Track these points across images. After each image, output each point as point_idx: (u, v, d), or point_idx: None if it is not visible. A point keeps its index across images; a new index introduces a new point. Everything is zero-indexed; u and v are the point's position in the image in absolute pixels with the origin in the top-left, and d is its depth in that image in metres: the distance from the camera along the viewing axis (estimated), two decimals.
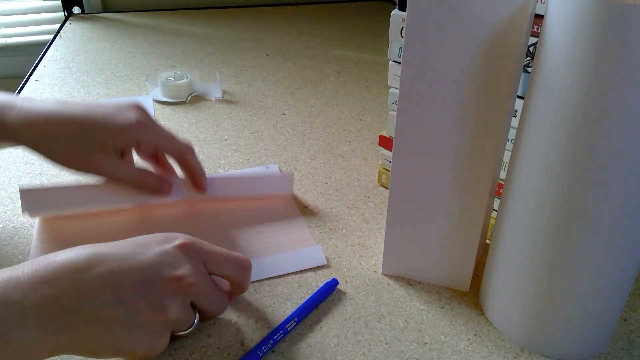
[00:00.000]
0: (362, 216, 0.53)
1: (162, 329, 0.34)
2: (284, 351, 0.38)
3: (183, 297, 0.34)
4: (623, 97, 0.29)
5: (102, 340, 0.32)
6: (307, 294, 0.43)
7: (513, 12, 0.32)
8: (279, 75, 0.90)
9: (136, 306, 0.32)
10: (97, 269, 0.32)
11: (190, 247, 0.36)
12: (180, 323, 0.35)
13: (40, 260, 0.32)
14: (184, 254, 0.35)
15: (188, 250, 0.36)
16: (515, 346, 0.39)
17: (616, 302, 0.36)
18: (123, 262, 0.33)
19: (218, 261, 0.37)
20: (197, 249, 0.36)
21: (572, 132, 0.31)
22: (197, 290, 0.35)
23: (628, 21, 0.27)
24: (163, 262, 0.34)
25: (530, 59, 0.41)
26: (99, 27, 1.14)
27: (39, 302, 0.30)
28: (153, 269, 0.34)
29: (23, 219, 0.51)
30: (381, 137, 0.57)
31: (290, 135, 0.69)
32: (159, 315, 0.33)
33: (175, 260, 0.35)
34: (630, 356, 0.38)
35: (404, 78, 0.37)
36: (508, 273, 0.38)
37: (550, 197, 0.33)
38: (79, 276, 0.32)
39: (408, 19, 0.35)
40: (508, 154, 0.45)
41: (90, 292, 0.32)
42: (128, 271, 0.33)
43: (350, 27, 1.19)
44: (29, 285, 0.30)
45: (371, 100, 0.81)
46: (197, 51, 1.00)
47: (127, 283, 0.33)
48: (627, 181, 0.31)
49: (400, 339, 0.39)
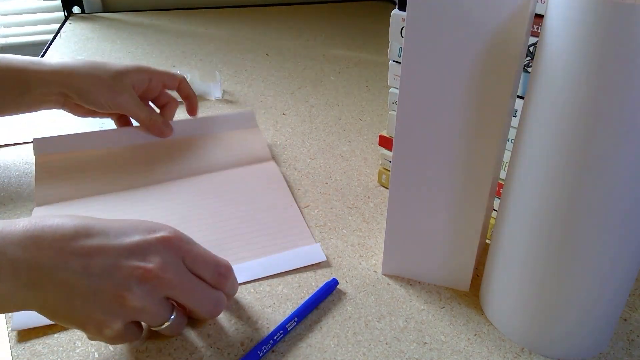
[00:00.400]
0: (362, 216, 0.53)
1: (118, 312, 0.34)
2: (284, 351, 0.38)
3: (150, 289, 0.34)
4: (623, 97, 0.29)
5: (60, 304, 0.33)
6: (307, 294, 0.43)
7: (513, 12, 0.32)
8: (279, 75, 0.90)
9: (100, 284, 0.34)
10: (78, 241, 0.34)
11: (170, 241, 0.36)
12: (144, 314, 0.35)
13: (34, 219, 0.34)
14: (163, 247, 0.36)
15: (167, 245, 0.36)
16: (515, 346, 0.39)
17: (616, 302, 0.36)
18: (103, 240, 0.35)
19: (195, 261, 0.37)
20: (177, 245, 0.37)
21: (572, 132, 0.31)
22: (170, 286, 0.35)
23: (628, 21, 0.27)
24: (138, 249, 0.35)
25: (530, 59, 0.41)
26: (99, 27, 1.14)
27: (19, 257, 0.33)
28: (126, 254, 0.35)
29: None
30: (381, 137, 0.57)
31: (290, 135, 0.69)
32: (118, 298, 0.34)
33: (150, 252, 0.35)
34: (630, 356, 0.38)
35: (404, 78, 0.37)
36: (508, 273, 0.38)
37: (551, 197, 0.33)
38: (61, 244, 0.34)
39: (408, 19, 0.35)
40: (508, 154, 0.45)
41: (65, 258, 0.33)
42: (104, 249, 0.34)
43: (350, 27, 1.19)
44: (18, 240, 0.33)
45: (371, 100, 0.81)
46: (197, 51, 1.00)
47: (99, 259, 0.34)
48: (628, 181, 0.31)
49: (400, 339, 0.39)
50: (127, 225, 0.37)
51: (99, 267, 0.34)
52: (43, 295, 0.33)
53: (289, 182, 0.58)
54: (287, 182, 0.57)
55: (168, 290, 0.35)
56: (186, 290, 0.36)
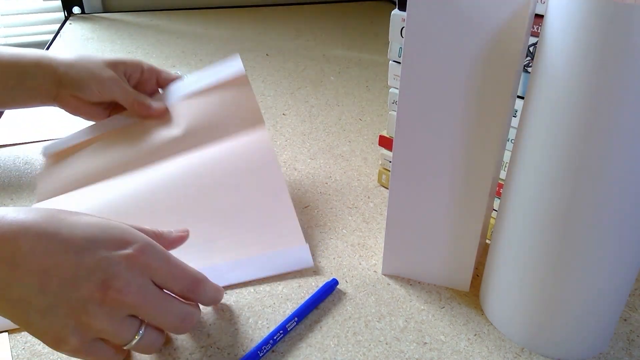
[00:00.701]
0: (362, 216, 0.53)
1: (75, 330, 0.33)
2: (284, 351, 0.38)
3: (109, 311, 0.33)
4: (623, 97, 0.29)
5: (17, 317, 0.33)
6: (307, 294, 0.43)
7: (513, 12, 0.32)
8: (279, 75, 0.90)
9: (57, 301, 0.33)
10: (36, 256, 0.33)
11: (136, 260, 0.34)
12: (105, 334, 0.34)
13: (4, 215, 0.33)
14: (127, 267, 0.34)
15: (133, 264, 0.34)
16: (515, 346, 0.39)
17: (616, 302, 0.36)
18: (61, 257, 0.33)
19: (165, 278, 0.36)
20: (144, 264, 0.35)
21: (572, 132, 0.31)
22: (131, 306, 0.34)
23: (628, 21, 0.27)
24: (99, 269, 0.33)
25: (530, 59, 0.41)
26: (99, 27, 1.14)
27: None
28: (85, 274, 0.33)
29: None
30: (381, 137, 0.57)
31: (290, 135, 0.69)
32: (76, 317, 0.33)
33: (112, 272, 0.33)
34: (630, 356, 0.38)
35: (404, 78, 0.37)
36: (508, 273, 0.38)
37: (550, 197, 0.33)
38: (18, 259, 0.33)
39: (408, 18, 0.35)
40: (508, 154, 0.45)
41: (21, 275, 0.32)
42: (63, 267, 0.33)
43: (350, 27, 1.19)
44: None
45: (371, 100, 0.81)
46: (197, 51, 1.00)
47: (56, 278, 0.33)
48: (627, 181, 0.31)
49: (400, 339, 0.39)
50: (95, 235, 0.34)
51: (55, 285, 0.32)
52: (1, 306, 0.33)
53: (289, 182, 0.59)
54: (277, 163, 0.52)
55: (129, 310, 0.34)
56: (150, 308, 0.35)
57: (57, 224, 0.34)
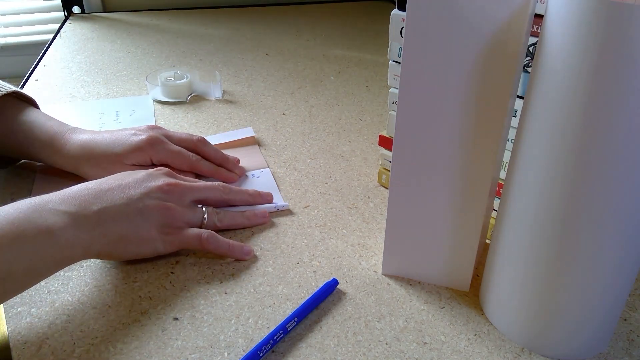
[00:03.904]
0: (362, 216, 0.53)
1: (163, 225, 0.45)
2: (284, 351, 0.38)
3: (178, 197, 0.47)
4: (623, 97, 0.29)
5: (124, 229, 0.42)
6: (307, 294, 0.43)
7: (513, 12, 0.32)
8: (279, 75, 0.90)
9: (144, 204, 0.44)
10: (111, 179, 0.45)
11: (165, 177, 0.48)
12: (184, 217, 0.46)
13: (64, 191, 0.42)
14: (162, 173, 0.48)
15: (166, 175, 0.48)
16: (515, 346, 0.39)
17: (616, 302, 0.36)
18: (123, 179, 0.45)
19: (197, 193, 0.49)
20: (169, 174, 0.49)
21: (572, 132, 0.31)
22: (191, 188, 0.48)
23: (628, 21, 0.27)
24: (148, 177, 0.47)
25: (530, 59, 0.41)
26: (99, 26, 1.14)
27: (75, 210, 0.40)
28: (145, 178, 0.46)
29: None
30: (381, 137, 0.57)
31: (290, 135, 0.69)
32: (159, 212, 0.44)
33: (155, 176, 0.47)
34: (630, 356, 0.38)
35: (403, 78, 0.37)
36: (508, 273, 0.38)
37: (550, 197, 0.33)
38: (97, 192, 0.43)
39: (408, 18, 0.35)
40: (508, 154, 0.45)
41: (106, 196, 0.43)
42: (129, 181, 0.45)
43: (350, 26, 1.19)
44: (62, 199, 0.41)
45: (371, 100, 0.81)
46: (197, 51, 1.00)
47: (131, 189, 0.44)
48: (627, 181, 0.31)
49: (400, 339, 0.39)
50: (124, 176, 0.46)
51: (135, 194, 0.44)
52: (105, 229, 0.41)
53: (289, 182, 0.59)
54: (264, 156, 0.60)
55: (191, 194, 0.48)
56: (201, 186, 0.49)
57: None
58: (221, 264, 0.46)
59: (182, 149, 0.56)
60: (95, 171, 0.53)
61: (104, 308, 0.41)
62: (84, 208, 0.41)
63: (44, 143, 0.55)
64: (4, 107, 0.55)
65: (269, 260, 0.47)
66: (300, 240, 0.50)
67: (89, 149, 0.54)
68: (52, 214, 0.39)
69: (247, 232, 0.50)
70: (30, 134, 0.55)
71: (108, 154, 0.54)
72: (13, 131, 0.55)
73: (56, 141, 0.55)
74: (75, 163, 0.54)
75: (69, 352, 0.37)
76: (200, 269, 0.45)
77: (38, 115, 0.56)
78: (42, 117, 0.56)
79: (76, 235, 0.39)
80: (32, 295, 0.42)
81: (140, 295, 0.43)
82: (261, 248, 0.48)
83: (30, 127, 0.55)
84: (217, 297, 0.43)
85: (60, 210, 0.39)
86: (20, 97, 0.58)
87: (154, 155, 0.54)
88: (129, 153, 0.54)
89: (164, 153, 0.55)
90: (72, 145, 0.54)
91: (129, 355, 0.37)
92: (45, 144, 0.55)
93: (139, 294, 0.43)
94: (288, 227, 0.51)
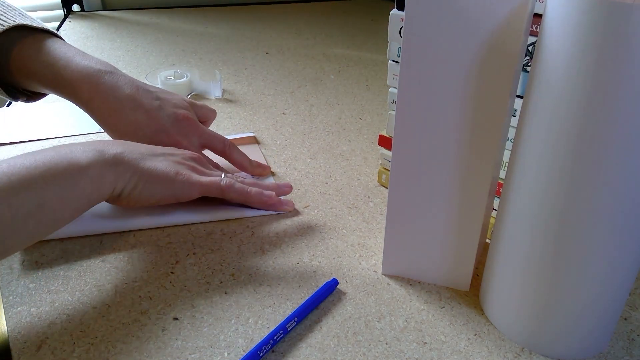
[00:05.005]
0: (362, 216, 0.53)
1: (181, 160, 0.50)
2: (284, 351, 0.38)
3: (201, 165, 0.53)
4: (622, 97, 0.29)
5: (147, 166, 0.47)
6: (307, 294, 0.43)
7: (512, 11, 0.32)
8: (279, 74, 0.90)
9: (166, 150, 0.50)
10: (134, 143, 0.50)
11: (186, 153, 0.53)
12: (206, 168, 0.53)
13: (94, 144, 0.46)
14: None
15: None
16: (515, 346, 0.39)
17: (616, 301, 0.36)
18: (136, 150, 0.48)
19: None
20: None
21: (572, 131, 0.31)
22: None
23: (627, 21, 0.27)
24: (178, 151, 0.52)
25: (529, 58, 0.41)
26: (99, 25, 1.14)
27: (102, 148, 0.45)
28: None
29: None
30: (381, 136, 0.57)
31: (290, 135, 0.69)
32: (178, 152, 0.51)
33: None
34: (630, 355, 0.38)
35: (403, 78, 0.37)
36: (508, 273, 0.38)
37: (550, 196, 0.33)
38: (125, 141, 0.49)
39: (407, 18, 0.35)
40: (508, 153, 0.45)
41: (130, 146, 0.48)
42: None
43: (350, 25, 1.19)
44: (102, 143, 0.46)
45: (371, 99, 0.81)
46: (196, 50, 1.00)
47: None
48: (627, 180, 0.31)
49: (400, 339, 0.39)
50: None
51: (160, 149, 0.50)
52: (128, 168, 0.45)
53: (289, 182, 0.58)
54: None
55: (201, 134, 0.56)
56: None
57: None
58: (221, 264, 0.46)
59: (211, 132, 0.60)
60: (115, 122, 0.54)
61: (104, 308, 0.41)
62: (110, 149, 0.45)
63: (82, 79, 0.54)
64: (37, 40, 0.54)
65: (269, 260, 0.47)
66: (300, 240, 0.50)
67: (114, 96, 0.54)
68: (81, 152, 0.43)
69: (247, 232, 0.50)
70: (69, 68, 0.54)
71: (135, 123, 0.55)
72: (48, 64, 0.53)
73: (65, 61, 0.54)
74: (89, 98, 0.54)
75: (69, 352, 0.37)
76: (200, 269, 0.46)
77: (76, 50, 0.56)
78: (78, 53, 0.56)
79: (103, 172, 0.43)
80: (32, 295, 0.42)
81: (140, 295, 0.43)
82: (261, 248, 0.48)
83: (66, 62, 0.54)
84: (217, 297, 0.43)
85: (89, 149, 0.44)
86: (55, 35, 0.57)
87: (184, 136, 0.57)
88: (155, 132, 0.55)
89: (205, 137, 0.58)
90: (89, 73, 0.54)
91: (129, 355, 0.37)
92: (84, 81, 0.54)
93: (139, 294, 0.43)
94: (288, 227, 0.51)
